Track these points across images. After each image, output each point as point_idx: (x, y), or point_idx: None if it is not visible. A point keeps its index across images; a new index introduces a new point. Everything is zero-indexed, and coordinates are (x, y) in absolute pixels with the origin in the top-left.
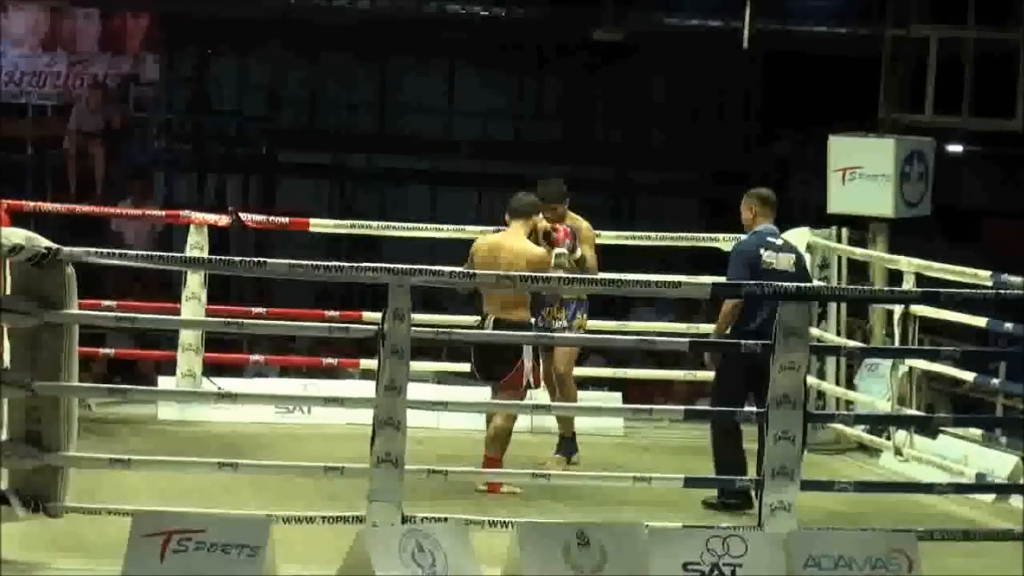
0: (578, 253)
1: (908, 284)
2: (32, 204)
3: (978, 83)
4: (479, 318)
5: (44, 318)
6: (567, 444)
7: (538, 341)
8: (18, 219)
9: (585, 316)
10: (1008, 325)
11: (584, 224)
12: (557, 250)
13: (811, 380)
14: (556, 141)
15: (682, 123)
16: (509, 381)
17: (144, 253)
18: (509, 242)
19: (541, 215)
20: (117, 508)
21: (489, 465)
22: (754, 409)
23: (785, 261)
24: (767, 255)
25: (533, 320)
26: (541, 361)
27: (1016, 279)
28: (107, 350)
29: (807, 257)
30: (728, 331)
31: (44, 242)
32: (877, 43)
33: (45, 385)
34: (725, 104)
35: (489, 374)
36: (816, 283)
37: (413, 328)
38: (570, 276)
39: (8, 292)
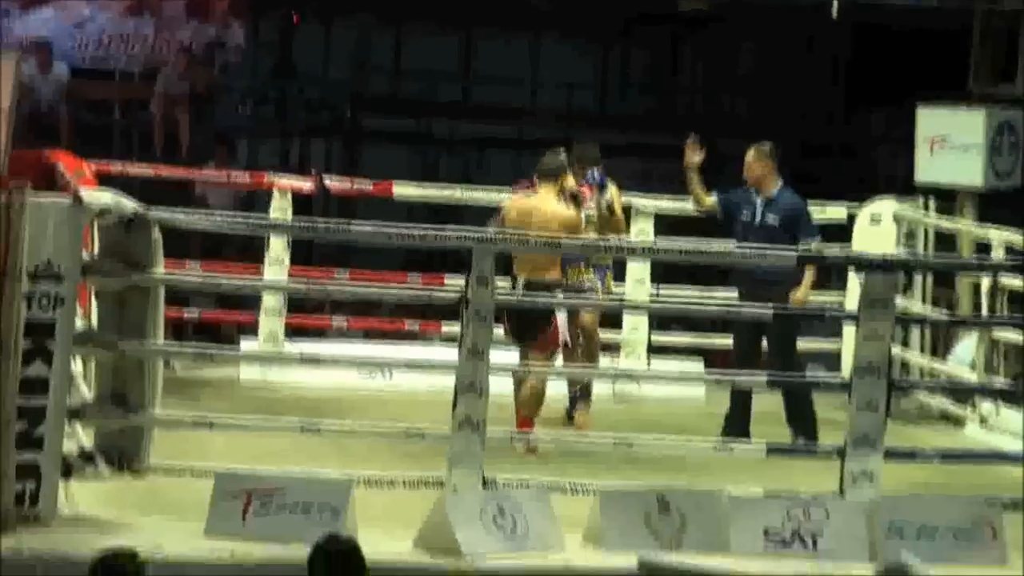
0: (607, 197)
1: (997, 255)
2: (119, 167)
3: None
4: (510, 280)
5: (131, 280)
6: (583, 393)
7: (651, 308)
8: (105, 181)
9: (609, 278)
10: None
11: (613, 187)
12: (587, 210)
13: (895, 350)
14: (641, 111)
15: (768, 94)
16: (545, 342)
17: (229, 216)
18: (541, 204)
19: (572, 173)
20: (200, 468)
21: (523, 425)
22: (838, 377)
23: None
24: None
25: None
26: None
27: None
28: (192, 312)
29: (894, 228)
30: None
31: (131, 205)
32: (968, 15)
33: (131, 346)
34: (812, 75)
35: (523, 336)
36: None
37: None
38: (666, 246)
39: (96, 254)
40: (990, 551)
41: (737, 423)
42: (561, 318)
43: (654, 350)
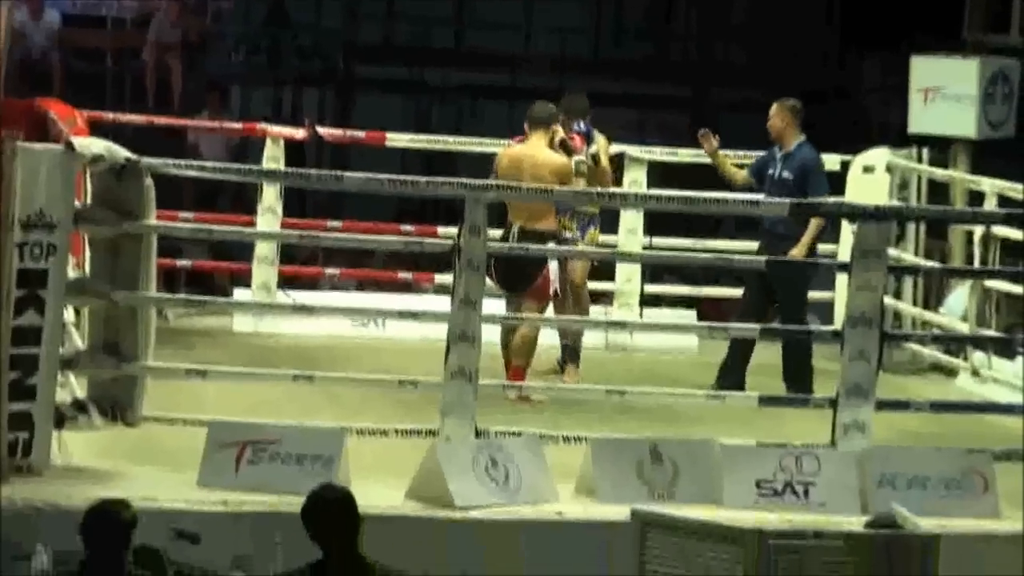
0: (593, 148)
1: (990, 206)
2: (111, 115)
3: None
4: (504, 228)
5: (123, 228)
6: (572, 353)
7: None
8: (97, 130)
9: (597, 230)
10: None
11: (602, 138)
12: (576, 158)
13: (888, 300)
14: (635, 58)
15: (763, 42)
16: (535, 291)
17: (221, 165)
18: (531, 152)
19: (560, 125)
20: (193, 418)
21: (515, 375)
22: (830, 327)
23: None
24: None
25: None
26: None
27: None
28: (184, 262)
29: (887, 178)
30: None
31: (123, 153)
32: None
33: (124, 295)
34: (806, 23)
35: (513, 286)
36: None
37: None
38: (662, 195)
39: (88, 202)
40: (981, 502)
41: (732, 373)
42: (553, 267)
43: (647, 301)
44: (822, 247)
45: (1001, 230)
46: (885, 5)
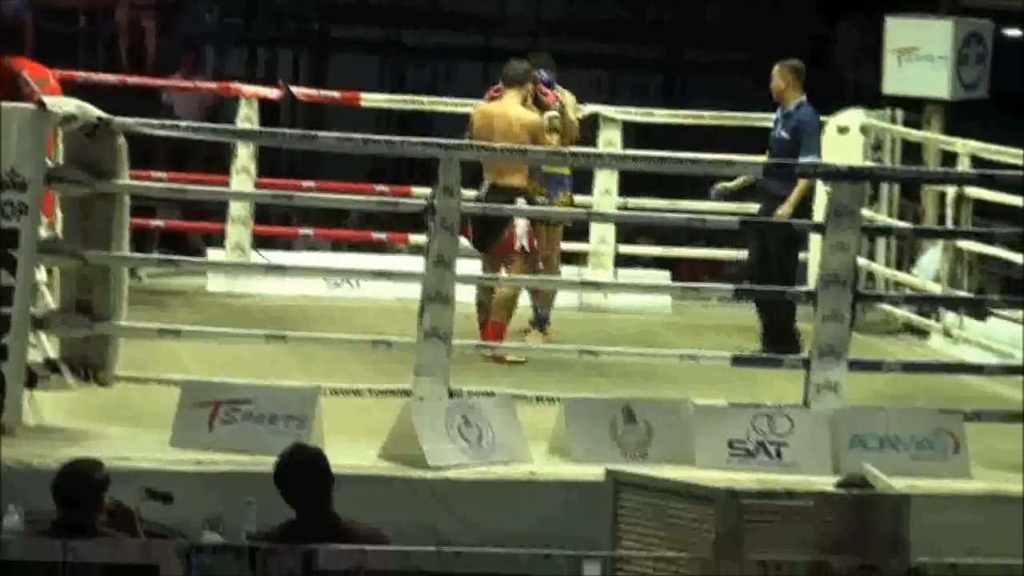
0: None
1: (963, 166)
2: (83, 75)
3: None
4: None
5: (95, 188)
6: (540, 319)
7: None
8: (70, 89)
9: (569, 195)
10: None
11: (570, 97)
12: (549, 113)
13: (861, 261)
14: (608, 18)
15: (738, 3)
16: (500, 247)
17: (194, 124)
18: (503, 109)
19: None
20: (166, 378)
21: (494, 331)
22: (804, 288)
23: None
24: None
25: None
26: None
27: None
28: (157, 221)
29: (861, 139)
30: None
31: (96, 112)
32: None
33: (96, 254)
34: None
35: (485, 243)
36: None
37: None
38: (635, 154)
39: (60, 161)
40: (952, 463)
41: (781, 334)
42: (521, 224)
43: (621, 261)
44: None
45: (973, 191)
46: None
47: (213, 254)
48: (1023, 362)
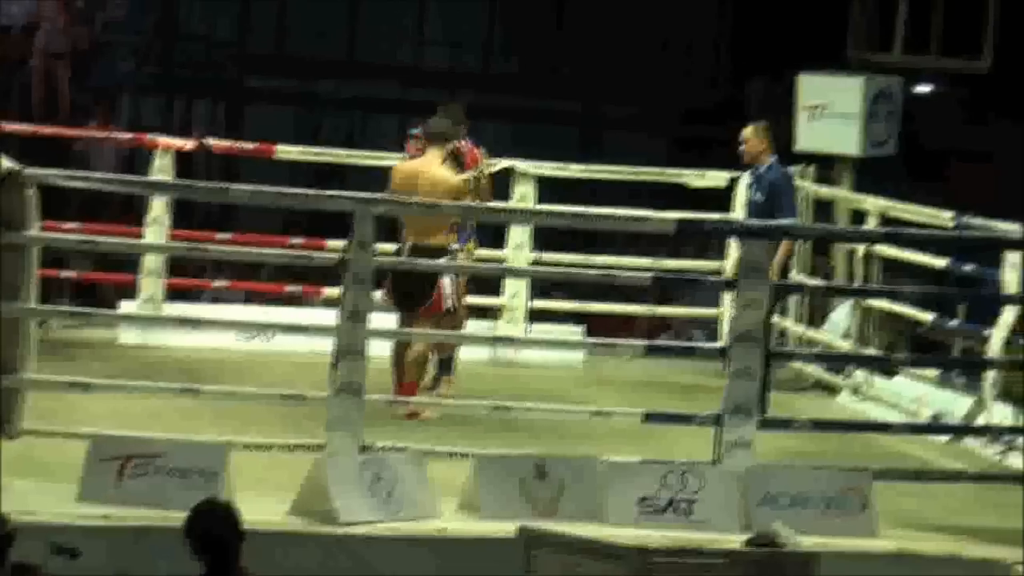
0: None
1: (872, 223)
2: None
3: (947, 23)
4: (399, 245)
5: (3, 239)
6: (445, 365)
7: (539, 273)
8: None
9: (475, 243)
10: (968, 266)
11: (480, 151)
12: (470, 173)
13: (774, 318)
14: (524, 72)
15: (652, 58)
16: (429, 309)
17: (107, 176)
18: (426, 168)
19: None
20: (75, 431)
21: (407, 391)
22: (715, 344)
23: None
24: None
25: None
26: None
27: (978, 221)
28: (69, 272)
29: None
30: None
31: (6, 163)
32: None
33: (5, 306)
34: (695, 41)
35: (407, 302)
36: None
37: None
38: (544, 209)
39: None
40: (860, 521)
41: None
42: (447, 282)
43: (535, 316)
44: (712, 264)
45: (882, 248)
46: (773, 24)
47: (126, 306)
48: (928, 421)
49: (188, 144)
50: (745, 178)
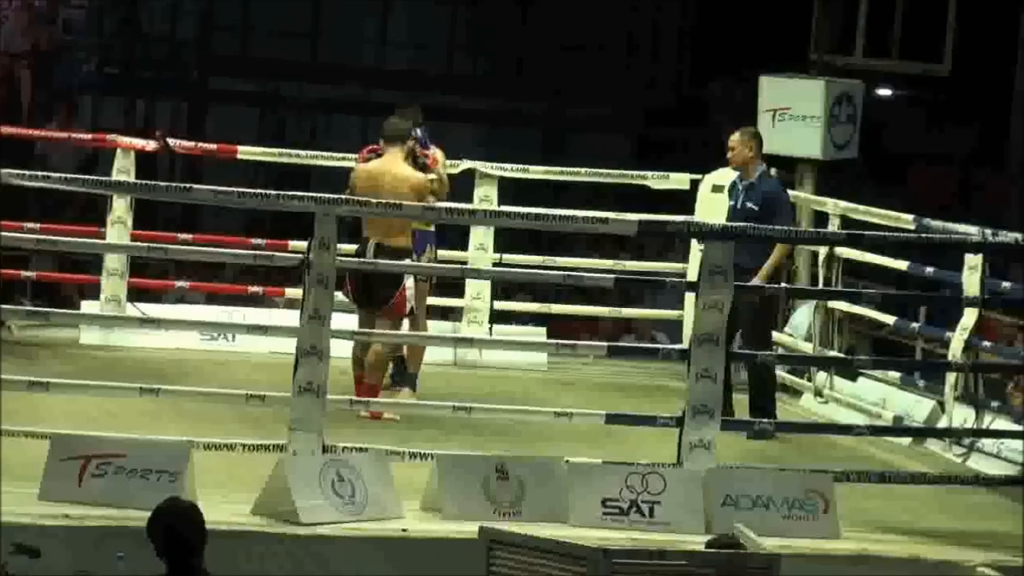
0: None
1: (833, 226)
2: None
3: (907, 27)
4: (359, 244)
5: None
6: (410, 377)
7: (503, 275)
8: None
9: (434, 249)
10: (929, 269)
11: (439, 152)
12: (429, 175)
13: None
14: (487, 74)
15: (616, 60)
16: (391, 309)
17: (69, 176)
18: (389, 168)
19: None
20: (35, 431)
21: (369, 392)
22: (677, 346)
23: None
24: None
25: None
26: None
27: (938, 223)
28: (29, 272)
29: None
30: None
31: None
32: None
33: None
34: (658, 43)
35: (369, 302)
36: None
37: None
38: (506, 211)
39: None
40: (821, 523)
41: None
42: (409, 284)
43: (498, 317)
44: (675, 266)
45: (843, 250)
46: (735, 26)
47: (88, 306)
48: (890, 423)
49: (150, 145)
50: (716, 178)
